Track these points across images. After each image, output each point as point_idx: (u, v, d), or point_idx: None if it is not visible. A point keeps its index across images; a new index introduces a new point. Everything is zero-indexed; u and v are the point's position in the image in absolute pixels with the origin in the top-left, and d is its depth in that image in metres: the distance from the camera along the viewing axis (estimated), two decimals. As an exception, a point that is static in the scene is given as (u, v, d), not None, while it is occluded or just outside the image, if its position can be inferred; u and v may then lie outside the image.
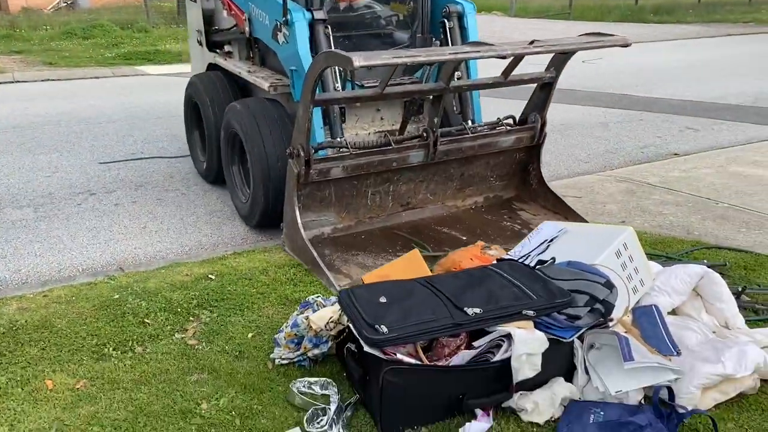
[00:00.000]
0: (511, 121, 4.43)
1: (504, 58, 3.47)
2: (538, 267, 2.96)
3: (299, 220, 3.82)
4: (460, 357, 2.56)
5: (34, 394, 2.69)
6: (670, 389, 2.52)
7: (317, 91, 3.54)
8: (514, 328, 2.50)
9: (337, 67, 4.00)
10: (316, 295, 3.16)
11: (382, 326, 2.43)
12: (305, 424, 2.45)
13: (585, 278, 2.79)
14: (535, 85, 4.34)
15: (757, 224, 4.50)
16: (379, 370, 2.39)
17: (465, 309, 2.56)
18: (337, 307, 2.78)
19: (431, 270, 3.42)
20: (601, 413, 2.49)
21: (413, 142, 4.04)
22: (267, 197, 4.25)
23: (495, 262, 3.17)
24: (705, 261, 3.75)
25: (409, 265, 3.36)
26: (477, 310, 2.55)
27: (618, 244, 3.06)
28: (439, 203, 4.49)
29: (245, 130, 4.32)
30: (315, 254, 3.70)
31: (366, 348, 2.45)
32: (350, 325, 2.60)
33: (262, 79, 4.49)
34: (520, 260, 3.19)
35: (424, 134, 4.01)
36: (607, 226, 4.04)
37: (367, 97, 4.01)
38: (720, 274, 3.20)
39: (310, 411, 2.50)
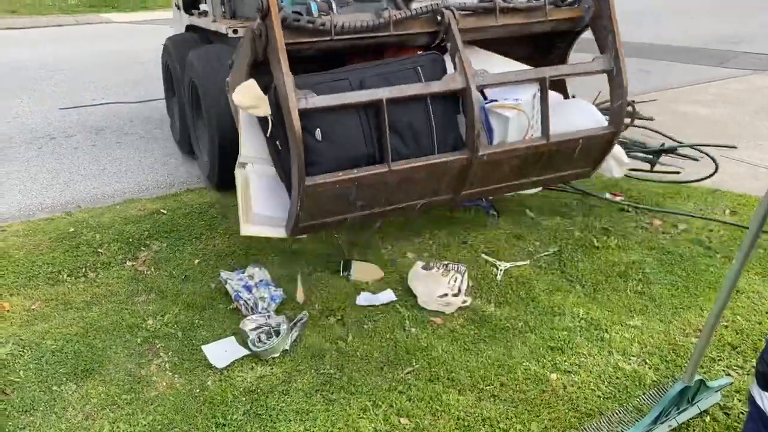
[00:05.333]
0: None
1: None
2: None
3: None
4: None
5: (-8, 315, 2.93)
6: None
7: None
8: None
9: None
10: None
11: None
12: (250, 345, 2.66)
13: None
14: None
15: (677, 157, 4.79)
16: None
17: None
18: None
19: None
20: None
21: (420, 23, 3.06)
22: (225, 151, 3.77)
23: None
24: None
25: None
26: None
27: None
28: None
29: (200, 78, 4.00)
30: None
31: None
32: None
33: (223, 25, 3.97)
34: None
35: (435, 10, 3.03)
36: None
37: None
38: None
39: (254, 334, 2.70)
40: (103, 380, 2.52)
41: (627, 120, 4.59)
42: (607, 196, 4.14)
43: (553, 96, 3.54)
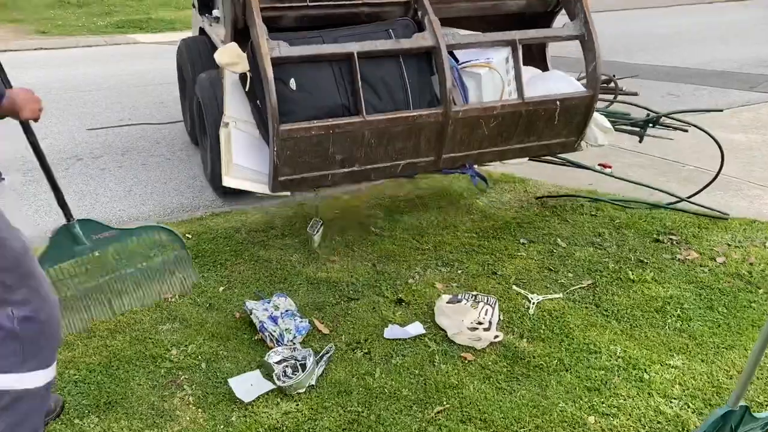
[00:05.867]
0: None
1: None
2: None
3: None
4: None
5: (16, 342, 2.89)
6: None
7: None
8: None
9: None
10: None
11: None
12: (275, 379, 2.58)
13: None
14: None
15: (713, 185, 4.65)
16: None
17: None
18: None
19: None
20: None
21: None
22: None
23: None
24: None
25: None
26: None
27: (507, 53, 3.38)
28: None
29: (205, 102, 4.24)
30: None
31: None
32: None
33: None
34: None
35: None
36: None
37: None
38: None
39: (279, 368, 2.63)
40: (125, 413, 2.46)
41: (610, 96, 4.88)
42: (597, 167, 4.41)
43: (533, 70, 3.80)
